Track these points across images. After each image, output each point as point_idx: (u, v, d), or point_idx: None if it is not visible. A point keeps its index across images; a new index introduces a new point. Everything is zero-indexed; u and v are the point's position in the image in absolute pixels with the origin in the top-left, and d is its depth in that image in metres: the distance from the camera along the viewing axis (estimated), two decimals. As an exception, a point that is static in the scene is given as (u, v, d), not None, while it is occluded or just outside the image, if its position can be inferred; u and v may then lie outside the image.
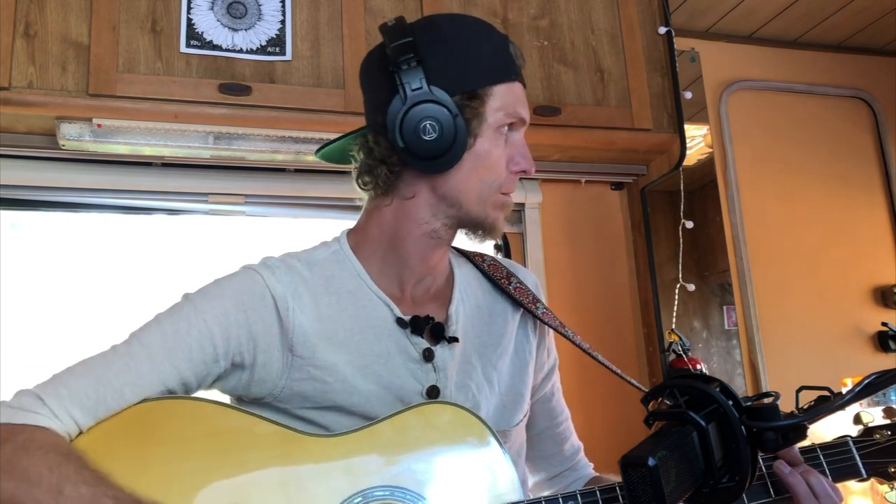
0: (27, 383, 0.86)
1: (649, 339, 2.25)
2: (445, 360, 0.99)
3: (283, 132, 1.80)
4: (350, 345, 0.96)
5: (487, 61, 0.97)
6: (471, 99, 0.95)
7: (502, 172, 0.99)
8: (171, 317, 0.92)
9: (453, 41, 0.97)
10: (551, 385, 1.16)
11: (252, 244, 2.08)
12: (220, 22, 1.75)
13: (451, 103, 0.94)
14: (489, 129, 0.97)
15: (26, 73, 1.59)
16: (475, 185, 0.97)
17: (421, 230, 0.99)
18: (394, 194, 1.00)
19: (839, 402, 0.82)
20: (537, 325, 1.13)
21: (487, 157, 0.97)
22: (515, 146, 1.00)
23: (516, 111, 0.98)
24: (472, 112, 0.95)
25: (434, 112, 0.93)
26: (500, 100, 0.97)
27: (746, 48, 2.63)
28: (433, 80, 0.94)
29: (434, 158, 0.95)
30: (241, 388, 0.95)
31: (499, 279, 1.10)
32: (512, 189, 1.02)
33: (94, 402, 0.85)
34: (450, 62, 0.96)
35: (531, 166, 1.01)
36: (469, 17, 1.04)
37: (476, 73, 0.96)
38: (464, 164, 0.96)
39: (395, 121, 0.94)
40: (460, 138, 0.94)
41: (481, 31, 1.00)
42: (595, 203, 2.38)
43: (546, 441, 1.17)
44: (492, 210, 0.99)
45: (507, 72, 0.98)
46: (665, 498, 0.72)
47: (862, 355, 2.51)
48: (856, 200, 2.65)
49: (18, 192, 1.82)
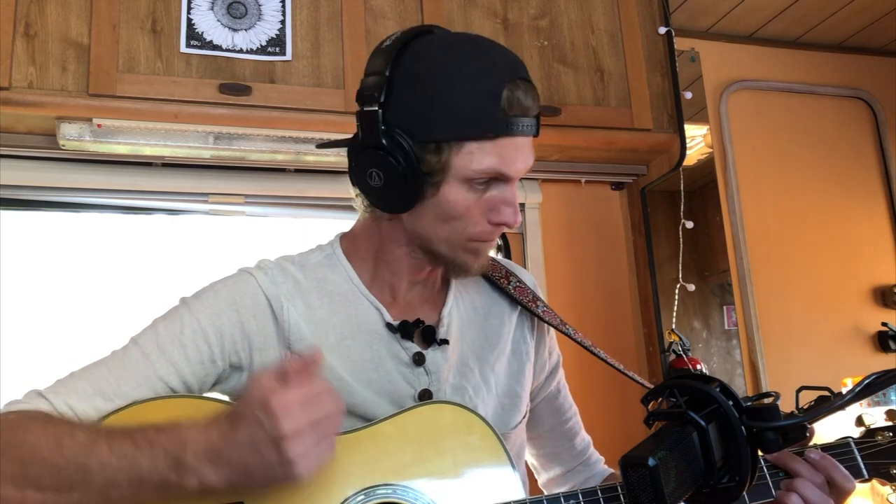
0: (27, 383, 0.88)
1: (649, 339, 2.25)
2: (438, 364, 0.98)
3: (283, 132, 1.80)
4: (341, 349, 0.96)
5: (465, 114, 0.86)
6: (435, 151, 0.87)
7: (474, 223, 0.91)
8: (166, 319, 0.93)
9: (433, 83, 0.87)
10: (556, 383, 1.16)
11: (252, 244, 2.08)
12: (220, 22, 1.75)
13: (407, 154, 0.87)
14: (456, 182, 0.89)
15: (26, 73, 1.59)
16: (442, 229, 0.92)
17: (402, 251, 0.98)
18: (377, 214, 0.98)
19: (839, 402, 0.82)
20: (535, 325, 1.12)
21: (453, 207, 0.90)
22: (498, 197, 0.91)
23: (493, 168, 0.88)
24: (432, 165, 0.88)
25: (380, 160, 0.88)
26: (470, 155, 0.87)
27: (746, 48, 2.63)
28: (396, 120, 0.88)
29: (384, 201, 0.92)
30: (241, 388, 0.95)
31: (498, 278, 1.10)
32: (491, 238, 0.94)
33: (92, 395, 0.86)
34: (420, 105, 0.87)
35: (514, 219, 0.91)
36: (477, 55, 0.90)
37: (445, 123, 0.86)
38: (426, 209, 0.91)
39: (349, 157, 0.93)
40: (411, 189, 0.88)
41: (475, 76, 0.87)
42: (595, 203, 2.38)
43: (556, 438, 1.17)
44: (462, 253, 0.94)
45: (487, 128, 0.86)
46: (665, 498, 0.72)
47: (862, 355, 2.51)
48: (856, 200, 2.65)
49: (18, 192, 1.82)
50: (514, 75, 0.89)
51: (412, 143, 0.87)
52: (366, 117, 0.90)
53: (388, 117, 0.88)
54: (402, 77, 0.88)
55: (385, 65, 0.89)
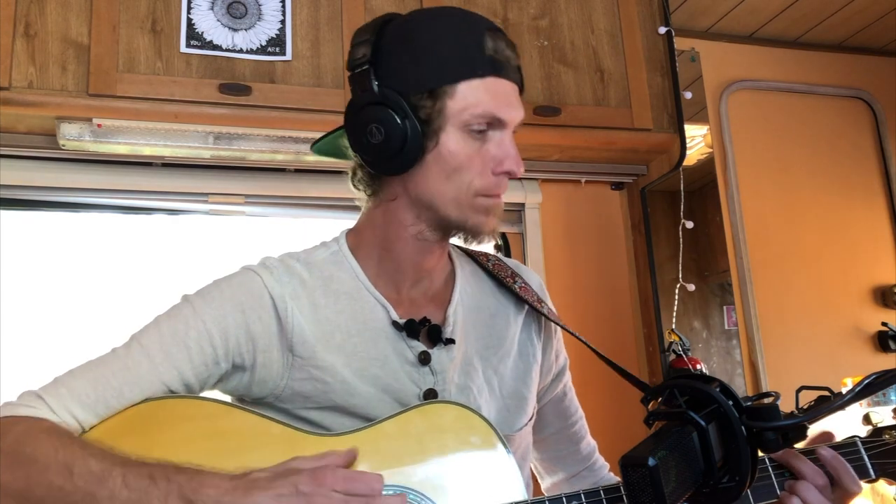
0: (28, 383, 0.87)
1: (649, 339, 2.25)
2: (443, 363, 0.98)
3: (283, 132, 1.80)
4: (347, 347, 0.95)
5: (452, 58, 0.91)
6: (428, 99, 0.90)
7: (478, 174, 0.92)
8: (170, 318, 0.92)
9: (417, 38, 0.92)
10: (562, 386, 1.15)
11: (252, 244, 2.08)
12: (220, 22, 1.75)
13: (401, 104, 0.89)
14: (454, 130, 0.91)
15: (26, 73, 1.59)
16: (447, 187, 0.93)
17: (408, 232, 0.97)
18: (379, 196, 0.98)
19: (839, 402, 0.82)
20: (542, 327, 1.11)
21: (453, 158, 0.91)
22: (498, 146, 0.93)
23: (487, 111, 0.91)
24: (427, 113, 0.90)
25: (378, 114, 0.90)
26: (464, 99, 0.90)
27: (746, 48, 2.63)
28: (387, 82, 0.91)
29: (387, 161, 0.92)
30: (242, 388, 0.95)
31: (503, 278, 1.09)
32: (498, 191, 0.95)
33: (94, 400, 0.85)
34: (409, 61, 0.91)
35: (517, 167, 0.93)
36: (454, 11, 0.99)
37: (435, 70, 0.90)
38: (429, 166, 0.92)
39: (346, 124, 0.95)
40: (411, 140, 0.90)
41: (456, 26, 0.93)
42: (595, 203, 2.38)
43: (561, 441, 1.16)
44: (472, 213, 0.94)
45: (475, 67, 0.90)
46: (665, 498, 0.72)
47: (862, 355, 2.51)
48: (856, 200, 2.65)
49: (18, 192, 1.82)
50: (491, 26, 0.95)
51: (407, 95, 0.90)
52: (358, 78, 0.93)
53: (380, 76, 0.92)
54: (388, 41, 0.93)
55: (370, 34, 0.93)
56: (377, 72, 0.92)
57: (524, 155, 0.96)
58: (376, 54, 0.92)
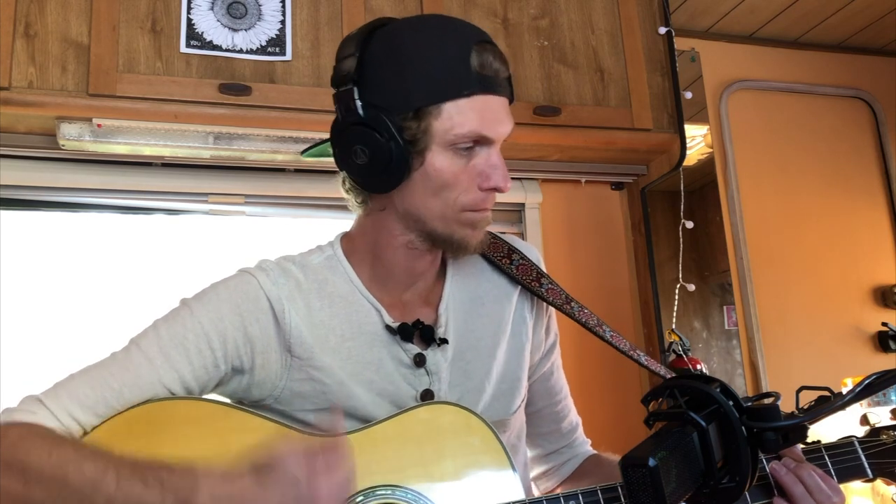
0: (27, 383, 0.87)
1: (649, 339, 2.25)
2: (438, 363, 0.98)
3: (283, 132, 1.80)
4: (342, 351, 0.96)
5: (438, 77, 0.89)
6: (413, 119, 0.89)
7: (464, 190, 0.92)
8: (169, 322, 0.92)
9: (402, 54, 0.90)
10: (551, 363, 1.15)
11: (252, 244, 2.08)
12: (220, 22, 1.75)
13: (386, 125, 0.88)
14: (440, 149, 0.90)
15: (26, 73, 1.59)
16: (433, 203, 0.92)
17: (398, 241, 0.97)
18: (369, 205, 0.99)
19: (839, 402, 0.82)
20: (534, 304, 1.11)
21: (439, 176, 0.91)
22: (485, 162, 0.92)
23: (473, 130, 0.89)
24: (413, 133, 0.89)
25: (362, 136, 0.89)
26: (450, 119, 0.88)
27: (746, 48, 2.63)
28: (372, 99, 0.90)
29: (373, 180, 0.92)
30: (241, 391, 0.95)
31: (499, 258, 1.08)
32: (485, 206, 0.94)
33: (94, 401, 0.86)
34: (394, 78, 0.89)
35: (504, 182, 0.92)
36: (441, 23, 0.95)
37: (420, 90, 0.88)
38: (416, 183, 0.91)
39: (332, 142, 0.94)
40: (396, 161, 0.89)
41: (442, 41, 0.90)
42: (595, 203, 2.38)
43: (544, 419, 1.16)
44: (458, 227, 0.94)
45: (461, 87, 0.88)
46: (665, 498, 0.72)
47: (862, 355, 2.51)
48: (856, 200, 2.65)
49: (18, 192, 1.82)
50: (479, 39, 0.92)
51: (391, 115, 0.89)
52: (343, 97, 0.92)
53: (364, 94, 0.90)
54: (373, 56, 0.91)
55: (355, 48, 0.91)
56: (361, 89, 0.90)
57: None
58: (360, 69, 0.90)
